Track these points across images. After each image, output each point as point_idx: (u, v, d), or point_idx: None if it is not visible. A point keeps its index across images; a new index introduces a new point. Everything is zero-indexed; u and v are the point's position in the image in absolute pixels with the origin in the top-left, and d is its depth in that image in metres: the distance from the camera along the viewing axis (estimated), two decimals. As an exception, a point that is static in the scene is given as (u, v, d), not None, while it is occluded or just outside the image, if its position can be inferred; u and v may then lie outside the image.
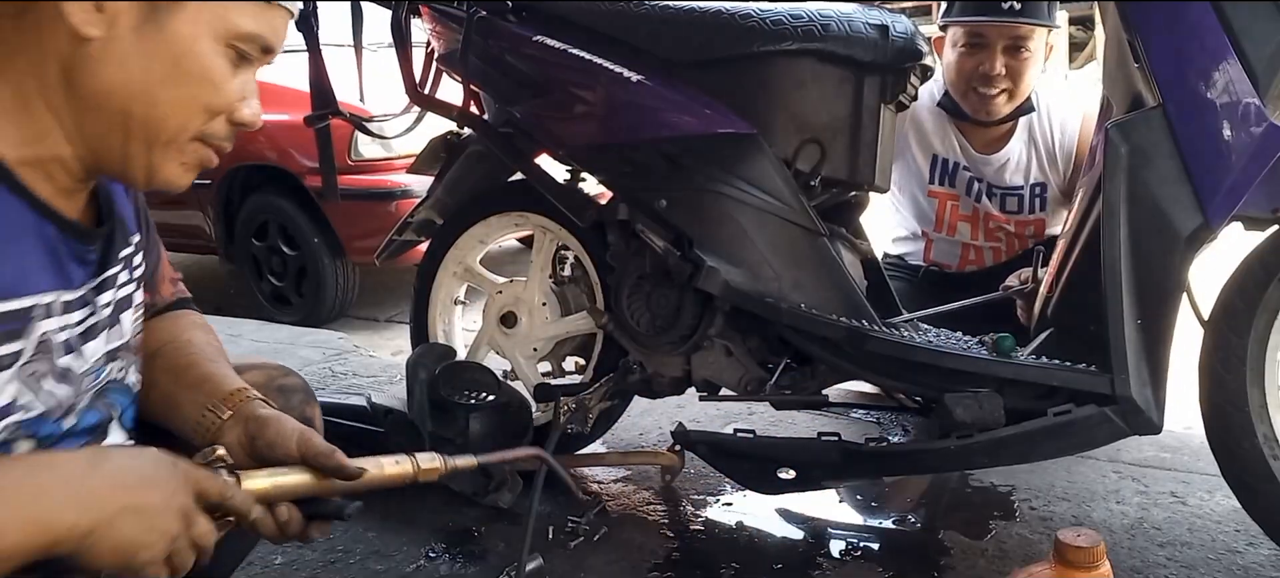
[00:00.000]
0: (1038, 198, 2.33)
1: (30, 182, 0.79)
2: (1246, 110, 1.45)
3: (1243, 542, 1.77)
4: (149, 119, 0.79)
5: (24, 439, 0.81)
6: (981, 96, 2.21)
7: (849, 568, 1.74)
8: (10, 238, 0.77)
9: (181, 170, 0.84)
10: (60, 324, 0.82)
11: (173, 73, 0.79)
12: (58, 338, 0.82)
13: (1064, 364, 1.60)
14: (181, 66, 0.79)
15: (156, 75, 0.78)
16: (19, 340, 0.78)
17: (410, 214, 2.18)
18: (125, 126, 0.79)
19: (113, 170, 0.84)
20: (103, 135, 0.80)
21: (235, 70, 0.83)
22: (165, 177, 0.83)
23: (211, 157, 0.86)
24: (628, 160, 1.79)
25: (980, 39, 2.18)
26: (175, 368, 1.00)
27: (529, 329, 2.04)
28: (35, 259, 0.79)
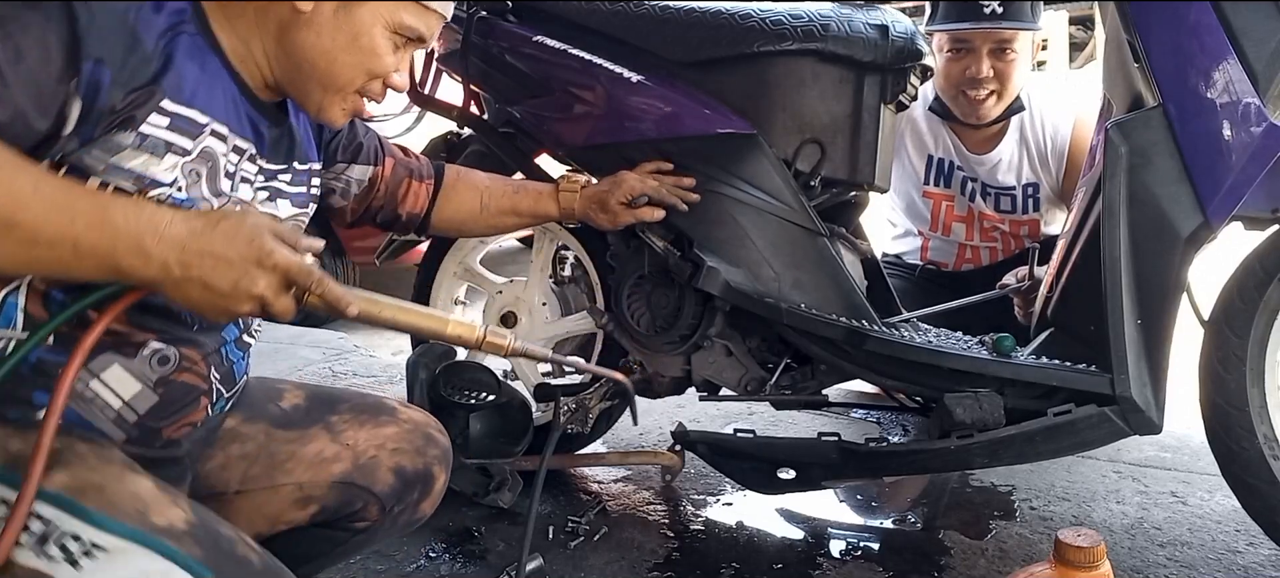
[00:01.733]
0: (1031, 198, 2.33)
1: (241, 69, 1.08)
2: (1246, 110, 1.45)
3: (1243, 542, 1.77)
4: (328, 72, 1.08)
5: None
6: (971, 100, 2.22)
7: (849, 568, 1.74)
8: (209, 80, 1.04)
9: (341, 113, 1.13)
10: (226, 151, 1.06)
11: (351, 44, 1.07)
12: (221, 160, 1.06)
13: (1064, 364, 1.60)
14: (358, 42, 1.08)
15: (340, 44, 1.07)
16: (191, 141, 1.01)
17: (410, 214, 2.17)
18: (311, 73, 1.08)
19: (295, 97, 1.13)
20: (293, 75, 1.09)
21: (395, 50, 1.11)
22: (329, 115, 1.12)
23: (365, 108, 1.15)
24: (628, 160, 1.79)
25: (965, 44, 2.19)
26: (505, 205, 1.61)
27: (529, 329, 2.04)
28: (221, 102, 1.05)
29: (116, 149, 0.95)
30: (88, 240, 0.86)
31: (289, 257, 0.93)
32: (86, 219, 0.86)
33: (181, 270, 0.89)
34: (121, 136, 0.95)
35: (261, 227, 0.92)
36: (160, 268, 0.88)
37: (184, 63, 1.00)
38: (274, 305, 0.93)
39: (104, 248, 0.86)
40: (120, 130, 0.95)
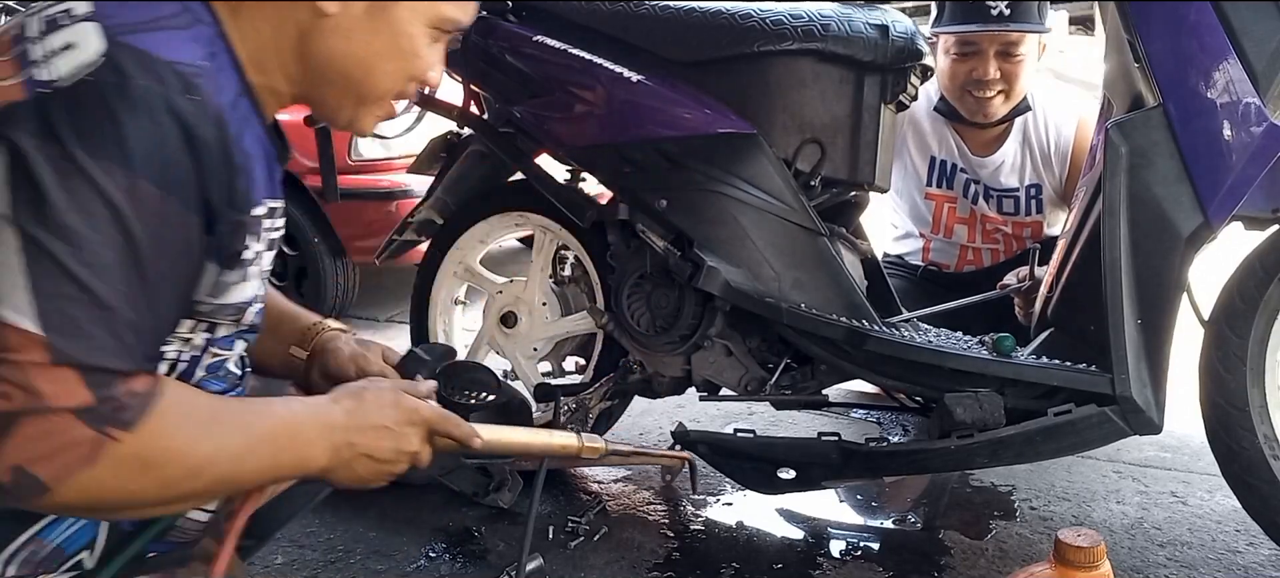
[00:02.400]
0: (1033, 199, 2.33)
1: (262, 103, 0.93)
2: (1246, 110, 1.45)
3: (1243, 542, 1.77)
4: (365, 83, 0.95)
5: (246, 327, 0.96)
6: (977, 100, 2.22)
7: (849, 568, 1.74)
8: (259, 151, 0.90)
9: (375, 122, 1.01)
10: (272, 225, 0.96)
11: (391, 48, 0.94)
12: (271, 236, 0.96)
13: (1064, 364, 1.60)
14: (398, 44, 0.94)
15: (376, 49, 0.93)
16: (259, 242, 0.92)
17: (410, 214, 2.18)
18: (343, 86, 0.95)
19: (321, 113, 1.00)
20: (321, 90, 0.96)
21: (431, 44, 0.98)
22: (361, 126, 1.00)
23: (395, 111, 1.03)
24: (628, 160, 1.79)
25: (972, 45, 2.19)
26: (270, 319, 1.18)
27: (529, 329, 2.04)
28: (264, 170, 0.92)
29: (223, 289, 0.89)
30: (287, 463, 0.88)
31: (432, 410, 0.98)
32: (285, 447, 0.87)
33: (350, 451, 0.91)
34: (229, 275, 0.88)
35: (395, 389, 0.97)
36: (334, 454, 0.90)
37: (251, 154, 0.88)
38: (421, 457, 0.97)
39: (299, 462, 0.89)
40: (230, 269, 0.88)
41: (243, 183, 0.86)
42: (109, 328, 0.75)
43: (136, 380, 0.77)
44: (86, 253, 0.74)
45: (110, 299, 0.75)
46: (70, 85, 0.76)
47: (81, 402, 0.73)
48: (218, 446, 0.82)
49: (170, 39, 0.81)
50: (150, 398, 0.77)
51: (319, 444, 0.89)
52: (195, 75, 0.81)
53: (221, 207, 0.84)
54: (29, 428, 0.71)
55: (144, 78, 0.77)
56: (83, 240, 0.74)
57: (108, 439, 0.74)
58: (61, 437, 0.72)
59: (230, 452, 0.83)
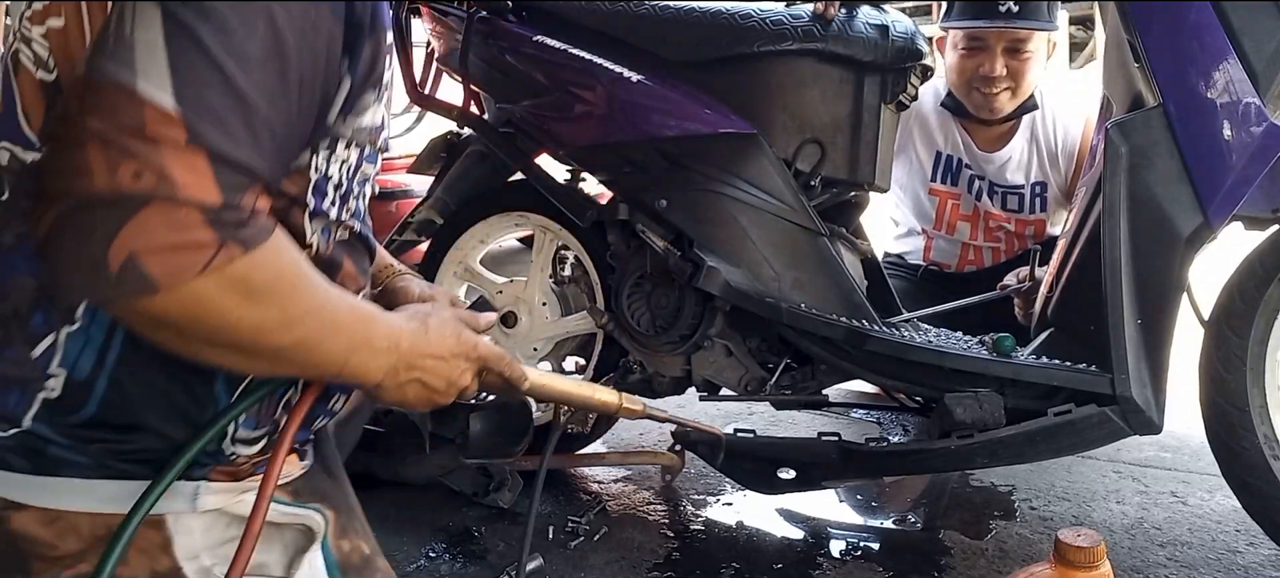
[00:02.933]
0: (1038, 197, 2.33)
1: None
2: (1246, 110, 1.45)
3: (1243, 542, 1.77)
4: None
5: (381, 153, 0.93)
6: (984, 96, 2.22)
7: (849, 568, 1.74)
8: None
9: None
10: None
11: None
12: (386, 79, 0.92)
13: (1064, 364, 1.60)
14: None
15: None
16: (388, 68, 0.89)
17: (410, 214, 2.18)
18: None
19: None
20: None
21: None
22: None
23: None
24: (628, 160, 1.79)
25: (980, 41, 2.19)
26: None
27: (529, 329, 2.04)
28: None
29: (363, 109, 0.85)
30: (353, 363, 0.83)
31: (487, 347, 0.96)
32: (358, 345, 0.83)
33: (407, 373, 0.89)
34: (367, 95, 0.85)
35: (459, 320, 0.95)
36: (391, 374, 0.87)
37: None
38: (472, 389, 0.96)
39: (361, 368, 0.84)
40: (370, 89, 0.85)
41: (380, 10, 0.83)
42: (247, 122, 0.70)
43: (264, 197, 0.73)
44: (233, 40, 0.69)
45: (250, 92, 0.70)
46: None
47: (211, 200, 0.67)
48: (316, 304, 0.78)
49: None
50: (271, 227, 0.73)
51: (383, 357, 0.86)
52: None
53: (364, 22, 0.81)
54: (154, 215, 0.65)
55: None
56: (230, 27, 0.69)
57: (227, 251, 0.68)
58: (185, 234, 0.67)
59: (323, 317, 0.79)
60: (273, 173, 0.74)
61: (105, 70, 0.66)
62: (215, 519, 0.85)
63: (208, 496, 0.84)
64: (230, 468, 0.86)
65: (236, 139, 0.68)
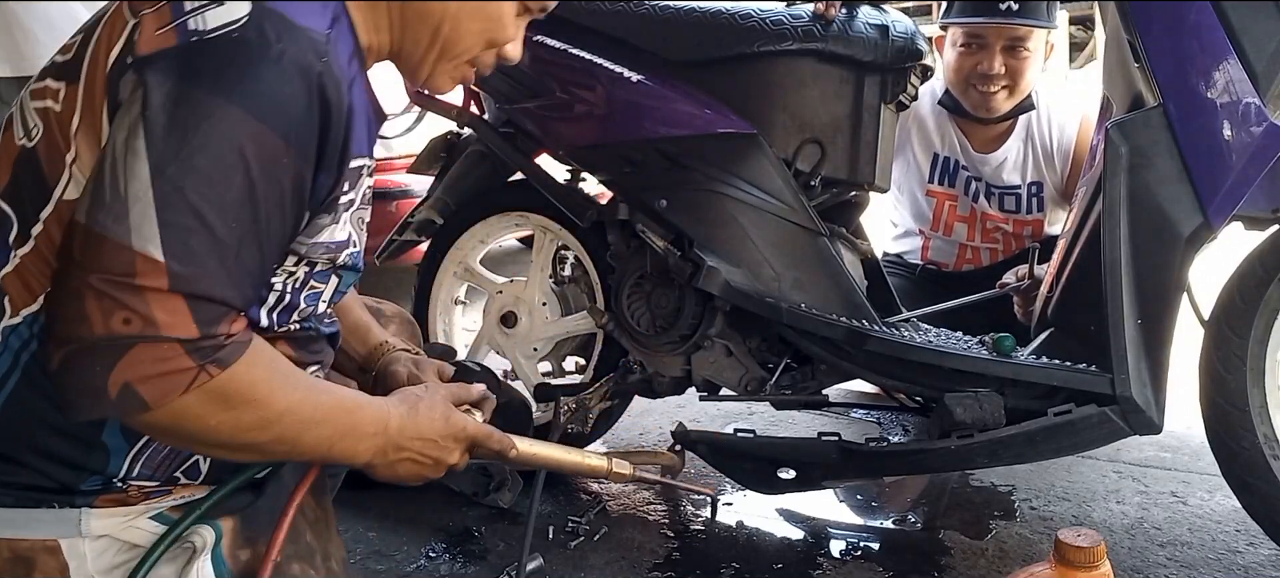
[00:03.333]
0: (1035, 197, 2.33)
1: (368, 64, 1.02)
2: (1246, 110, 1.45)
3: (1243, 542, 1.77)
4: (450, 37, 1.02)
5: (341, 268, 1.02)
6: (982, 94, 2.22)
7: (849, 568, 1.74)
8: (362, 107, 0.97)
9: (449, 81, 1.08)
10: (371, 182, 1.05)
11: (479, 11, 1.02)
12: (367, 193, 1.05)
13: (1064, 364, 1.60)
14: (484, 10, 1.02)
15: (468, 10, 1.01)
16: (355, 190, 0.99)
17: (410, 214, 2.18)
18: (433, 38, 1.02)
19: (406, 67, 1.07)
20: (415, 39, 1.02)
21: (516, 17, 1.06)
22: (437, 82, 1.06)
23: (471, 75, 1.10)
24: (628, 160, 1.79)
25: (979, 39, 2.19)
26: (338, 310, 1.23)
27: (529, 329, 2.04)
28: (366, 128, 0.99)
29: (317, 229, 0.95)
30: (339, 449, 0.94)
31: (476, 426, 1.05)
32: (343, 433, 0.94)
33: (396, 454, 0.99)
34: (322, 218, 0.95)
35: (447, 402, 1.04)
36: (380, 454, 0.97)
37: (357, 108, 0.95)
38: (459, 466, 1.05)
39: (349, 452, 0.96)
40: (324, 213, 0.95)
41: (348, 138, 0.92)
42: (222, 262, 0.81)
43: (237, 321, 0.85)
44: (213, 191, 0.80)
45: (227, 236, 0.81)
46: (217, 38, 0.82)
47: (189, 334, 0.80)
48: (292, 404, 0.89)
49: (303, 7, 0.88)
50: (245, 343, 0.85)
51: (370, 441, 0.96)
52: (325, 42, 0.88)
53: (330, 160, 0.90)
54: (143, 351, 0.78)
55: (283, 40, 0.84)
56: (209, 178, 0.80)
57: (205, 373, 0.81)
58: (169, 364, 0.79)
59: (300, 415, 0.90)
60: (247, 300, 0.86)
61: (104, 226, 0.79)
62: (107, 545, 0.93)
63: (94, 521, 0.92)
64: (118, 496, 0.94)
65: (213, 279, 0.81)
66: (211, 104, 0.80)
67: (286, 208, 0.87)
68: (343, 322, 1.23)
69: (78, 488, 0.92)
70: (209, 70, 0.82)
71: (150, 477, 0.94)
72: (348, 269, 1.04)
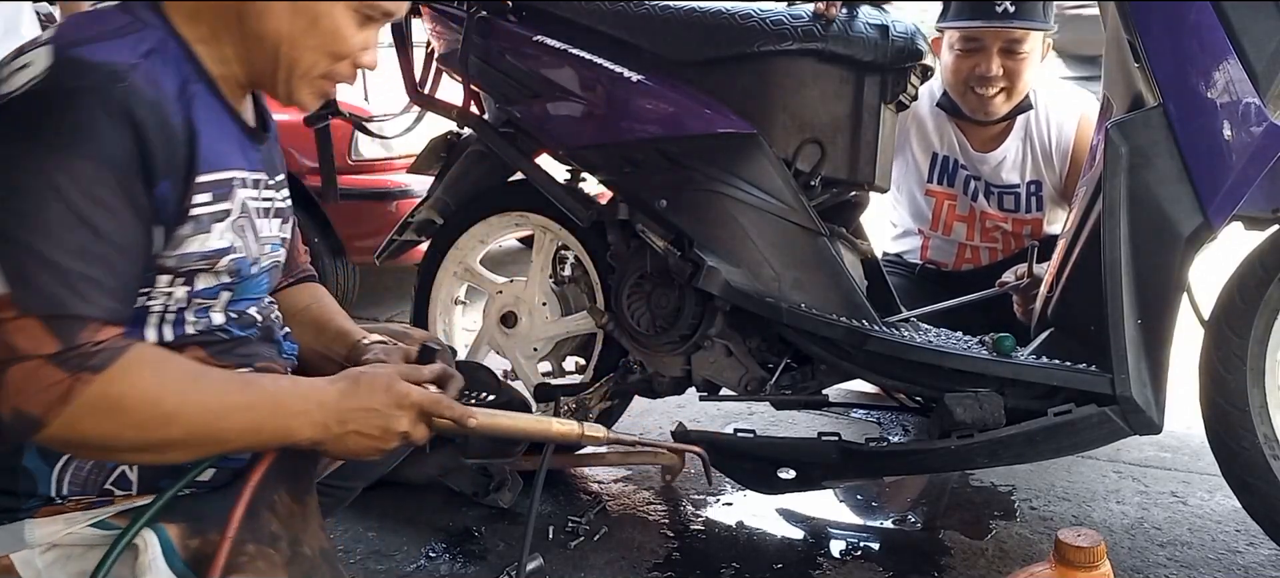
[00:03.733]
0: (1034, 196, 2.33)
1: (225, 92, 1.06)
2: (1246, 110, 1.45)
3: (1243, 542, 1.77)
4: (291, 59, 1.05)
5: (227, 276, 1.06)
6: (980, 97, 2.22)
7: (849, 568, 1.74)
8: (220, 128, 1.04)
9: (311, 96, 1.09)
10: (251, 195, 1.09)
11: (311, 28, 1.04)
12: (251, 205, 1.09)
13: (1064, 364, 1.60)
14: (319, 26, 1.04)
15: (300, 28, 1.04)
16: (227, 202, 1.04)
17: (410, 214, 2.18)
18: (275, 61, 1.05)
19: (264, 88, 1.10)
20: (261, 66, 1.06)
21: (361, 27, 1.08)
22: (299, 98, 1.09)
23: (333, 89, 1.13)
24: (628, 160, 1.79)
25: (976, 42, 2.19)
26: (318, 325, 1.32)
27: (529, 329, 2.04)
28: (231, 143, 1.06)
29: (179, 242, 0.99)
30: (269, 431, 0.98)
31: (422, 393, 1.05)
32: (267, 416, 0.98)
33: (340, 427, 1.01)
34: (180, 229, 0.99)
35: (392, 374, 1.06)
36: (322, 430, 1.00)
37: (203, 127, 1.00)
38: (413, 435, 1.05)
39: (283, 432, 0.99)
40: (180, 226, 0.99)
41: (189, 151, 0.98)
42: (64, 282, 0.88)
43: (105, 330, 0.90)
44: (37, 222, 0.87)
45: (61, 258, 0.88)
46: (17, 96, 0.90)
47: (50, 349, 0.86)
48: (186, 399, 0.93)
49: (109, 45, 0.94)
50: (121, 349, 0.90)
51: (305, 418, 0.99)
52: (126, 70, 0.93)
53: (168, 172, 0.95)
54: (14, 374, 0.86)
55: (78, 78, 0.90)
56: (29, 214, 0.88)
57: (79, 381, 0.87)
58: (40, 379, 0.86)
59: (203, 407, 0.94)
60: (108, 310, 0.90)
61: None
62: (59, 557, 0.99)
63: (36, 529, 0.99)
64: (55, 508, 1.00)
65: (59, 297, 0.87)
66: (17, 152, 0.89)
67: (124, 219, 0.92)
68: (330, 328, 1.30)
69: (19, 510, 0.98)
70: (13, 126, 0.90)
71: (82, 492, 1.00)
72: (242, 279, 1.09)
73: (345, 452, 1.04)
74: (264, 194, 1.13)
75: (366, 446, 1.03)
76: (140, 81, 0.93)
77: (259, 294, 1.15)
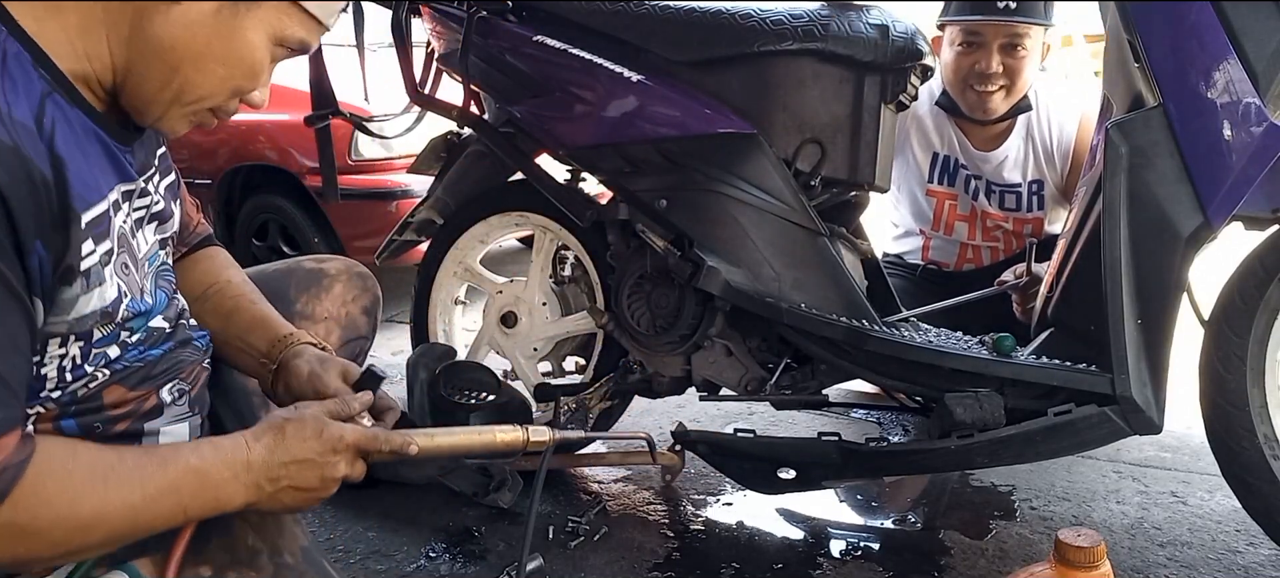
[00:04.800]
0: (1035, 195, 2.33)
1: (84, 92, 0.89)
2: (1247, 110, 1.45)
3: (1243, 542, 1.77)
4: (190, 81, 0.89)
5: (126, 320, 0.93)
6: (979, 95, 2.22)
7: (849, 568, 1.74)
8: (84, 145, 0.87)
9: (185, 125, 0.94)
10: (126, 214, 0.94)
11: (227, 53, 0.89)
12: (126, 227, 0.94)
13: (1064, 364, 1.60)
14: (236, 51, 0.89)
15: (215, 50, 0.88)
16: (107, 239, 0.89)
17: (410, 214, 2.18)
18: (167, 78, 0.88)
19: (132, 104, 0.92)
20: (144, 77, 0.89)
21: (270, 62, 0.94)
22: (171, 125, 0.93)
23: (213, 121, 0.97)
24: (628, 160, 1.79)
25: (977, 38, 2.19)
26: (224, 312, 1.17)
27: (529, 329, 2.04)
28: (100, 162, 0.90)
29: (69, 305, 0.86)
30: (197, 507, 0.89)
31: (357, 433, 0.97)
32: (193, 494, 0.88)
33: (272, 486, 0.93)
34: (67, 292, 0.85)
35: (319, 416, 0.96)
36: (254, 491, 0.92)
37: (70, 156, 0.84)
38: (352, 475, 0.98)
39: (212, 505, 0.90)
40: (65, 286, 0.85)
41: (59, 196, 0.82)
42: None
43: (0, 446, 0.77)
44: None
45: None
46: None
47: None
48: (104, 502, 0.83)
49: None
50: (18, 467, 0.78)
51: (233, 484, 0.91)
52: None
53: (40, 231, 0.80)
54: None
55: None
56: None
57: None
58: None
59: (122, 506, 0.84)
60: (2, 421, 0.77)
61: None
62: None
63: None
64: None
65: None
66: None
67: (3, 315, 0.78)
68: (241, 316, 1.16)
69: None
70: None
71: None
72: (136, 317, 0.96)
73: (282, 508, 0.96)
74: (137, 204, 0.97)
75: (304, 499, 0.96)
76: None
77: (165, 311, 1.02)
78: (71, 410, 0.93)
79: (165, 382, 1.01)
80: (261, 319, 1.17)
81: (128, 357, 0.97)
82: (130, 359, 0.97)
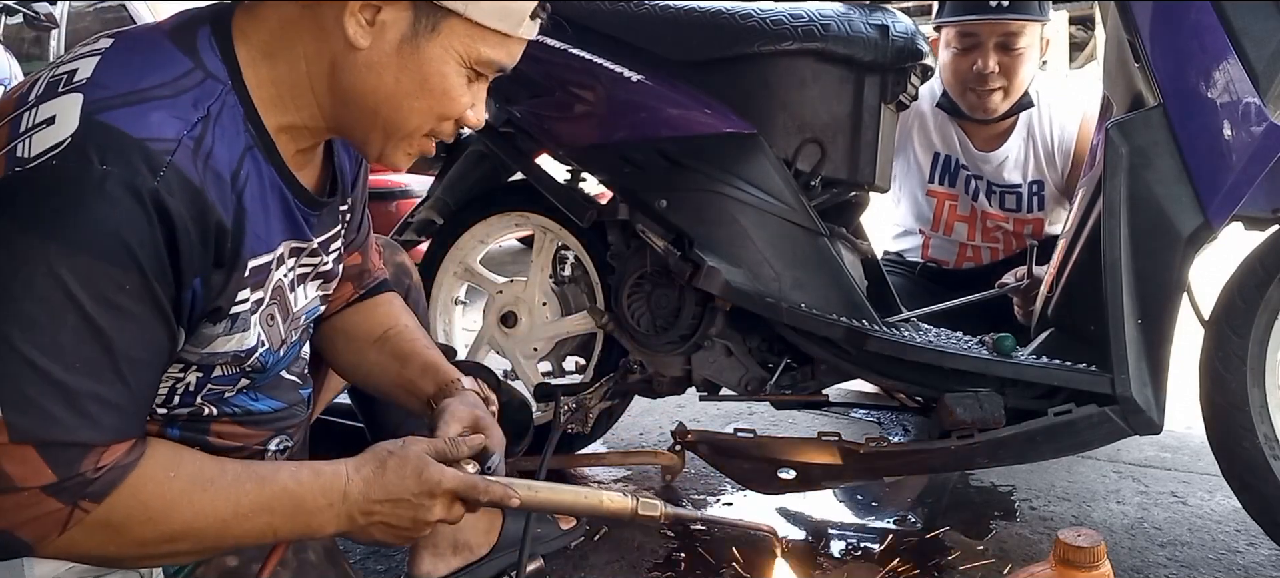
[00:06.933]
0: (1036, 195, 2.33)
1: (281, 146, 0.93)
2: (1247, 110, 1.45)
3: (1243, 542, 1.77)
4: (392, 120, 0.93)
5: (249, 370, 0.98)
6: (978, 95, 2.22)
7: (849, 568, 1.74)
8: (267, 199, 0.92)
9: (406, 157, 0.98)
10: (287, 269, 0.98)
11: (420, 87, 0.92)
12: (285, 280, 0.98)
13: (1064, 364, 1.60)
14: (428, 84, 0.92)
15: (406, 88, 0.91)
16: (262, 289, 0.93)
17: (410, 214, 2.18)
18: (372, 121, 0.93)
19: (355, 142, 0.99)
20: (352, 122, 0.94)
21: (469, 84, 0.96)
22: (392, 160, 0.97)
23: (432, 148, 1.00)
24: (628, 160, 1.79)
25: (973, 38, 2.19)
26: (402, 356, 1.21)
27: (529, 329, 2.04)
28: (278, 216, 0.94)
29: (207, 340, 0.90)
30: (288, 530, 0.90)
31: (456, 478, 0.96)
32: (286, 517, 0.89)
33: (365, 519, 0.93)
34: (211, 328, 0.90)
35: (423, 455, 0.95)
36: (347, 522, 0.92)
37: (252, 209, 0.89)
38: (449, 519, 0.97)
39: (302, 529, 0.91)
40: (210, 322, 0.89)
41: (233, 243, 0.87)
42: (69, 404, 0.78)
43: (108, 452, 0.80)
44: (40, 335, 0.76)
45: (66, 377, 0.77)
46: (35, 167, 0.77)
47: (46, 480, 0.77)
48: (198, 512, 0.85)
49: (150, 112, 0.81)
50: (124, 469, 0.81)
51: (327, 513, 0.91)
52: (166, 152, 0.80)
53: (202, 269, 0.85)
54: (6, 502, 0.77)
55: (106, 161, 0.77)
56: (36, 323, 0.76)
57: (78, 510, 0.79)
58: (35, 509, 0.78)
59: (214, 518, 0.85)
60: (115, 431, 0.80)
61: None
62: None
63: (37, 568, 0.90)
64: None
65: (60, 424, 0.77)
66: (28, 244, 0.76)
67: (147, 330, 0.82)
68: (415, 361, 1.19)
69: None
70: (26, 206, 0.77)
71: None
72: (264, 370, 1.00)
73: (371, 542, 0.96)
74: (304, 261, 1.02)
75: (394, 536, 0.95)
76: (183, 164, 0.81)
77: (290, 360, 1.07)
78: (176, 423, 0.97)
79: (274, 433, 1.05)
80: (433, 365, 1.20)
81: (237, 400, 1.00)
82: (239, 403, 1.00)
